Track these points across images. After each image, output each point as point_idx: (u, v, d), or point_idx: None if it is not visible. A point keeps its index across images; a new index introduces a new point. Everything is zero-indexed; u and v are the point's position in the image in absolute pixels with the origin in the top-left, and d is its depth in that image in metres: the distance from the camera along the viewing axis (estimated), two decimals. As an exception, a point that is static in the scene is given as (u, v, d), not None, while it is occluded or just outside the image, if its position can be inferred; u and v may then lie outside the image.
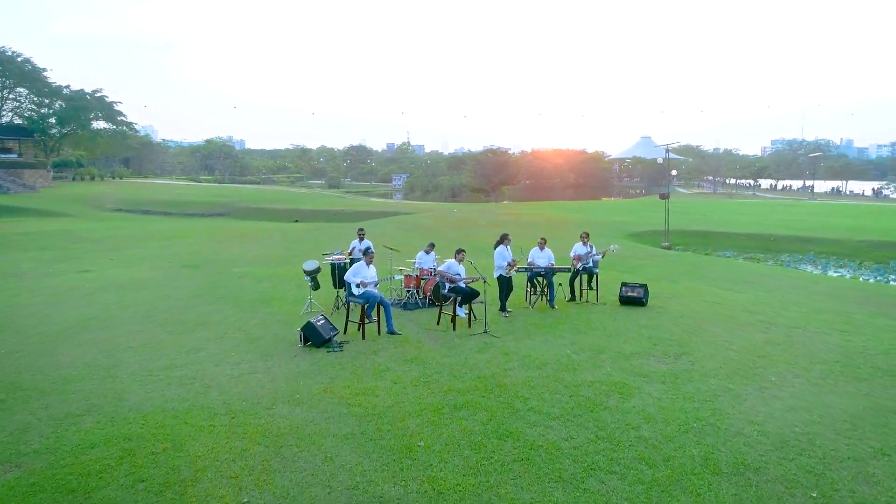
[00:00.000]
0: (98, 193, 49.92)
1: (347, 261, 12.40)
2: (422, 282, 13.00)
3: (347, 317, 10.58)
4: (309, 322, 9.77)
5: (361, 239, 13.05)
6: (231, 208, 45.45)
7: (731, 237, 29.10)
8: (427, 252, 13.28)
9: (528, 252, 13.02)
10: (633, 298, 12.77)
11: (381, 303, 10.40)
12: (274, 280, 15.40)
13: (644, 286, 12.88)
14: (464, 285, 11.14)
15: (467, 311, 11.15)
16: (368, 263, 10.53)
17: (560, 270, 12.74)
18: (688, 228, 30.49)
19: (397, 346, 9.84)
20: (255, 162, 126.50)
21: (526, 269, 12.56)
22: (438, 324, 11.13)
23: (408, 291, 12.94)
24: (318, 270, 12.05)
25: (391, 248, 13.64)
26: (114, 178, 72.96)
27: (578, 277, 13.31)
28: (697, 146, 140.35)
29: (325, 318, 10.11)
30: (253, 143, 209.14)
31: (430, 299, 12.64)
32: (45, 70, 68.80)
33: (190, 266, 17.53)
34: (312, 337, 9.73)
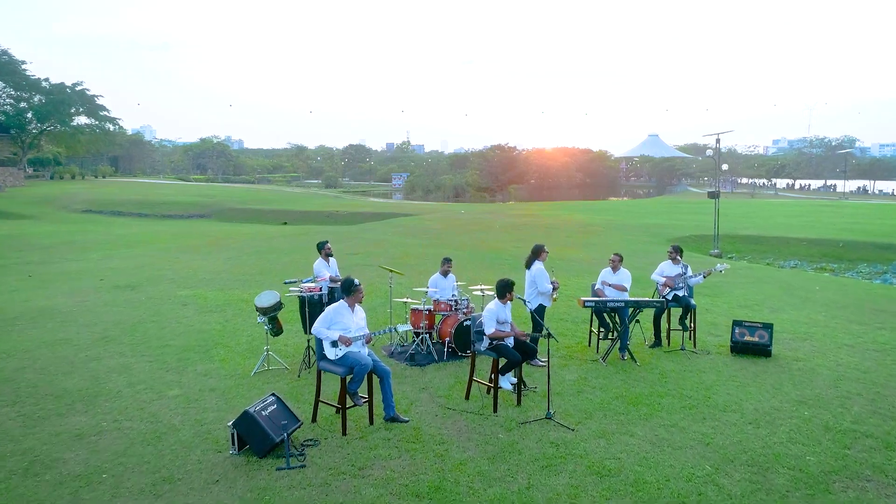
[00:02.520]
0: (69, 193, 45.63)
1: (325, 292, 8.16)
2: (437, 319, 8.80)
3: (318, 394, 6.32)
4: (247, 413, 5.54)
5: (328, 257, 8.90)
6: (214, 209, 41.18)
7: (790, 243, 24.84)
8: (444, 274, 9.10)
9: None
10: (756, 346, 8.54)
11: (374, 372, 6.17)
12: (229, 310, 11.16)
13: (769, 328, 8.63)
14: (510, 343, 6.88)
15: (515, 380, 6.89)
16: (353, 305, 6.28)
17: (649, 304, 8.47)
18: (736, 233, 26.26)
19: (402, 451, 5.62)
20: (251, 161, 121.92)
21: (594, 301, 8.30)
22: (468, 398, 6.91)
23: (416, 335, 8.71)
24: (278, 307, 7.82)
25: (391, 270, 9.38)
26: (96, 176, 68.72)
27: (666, 311, 9.09)
28: (705, 145, 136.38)
29: (278, 399, 5.90)
30: (252, 143, 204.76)
31: (450, 347, 8.42)
32: (24, 62, 64.68)
33: (124, 287, 13.28)
34: (252, 440, 5.52)
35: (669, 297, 8.98)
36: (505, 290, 6.76)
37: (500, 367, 6.69)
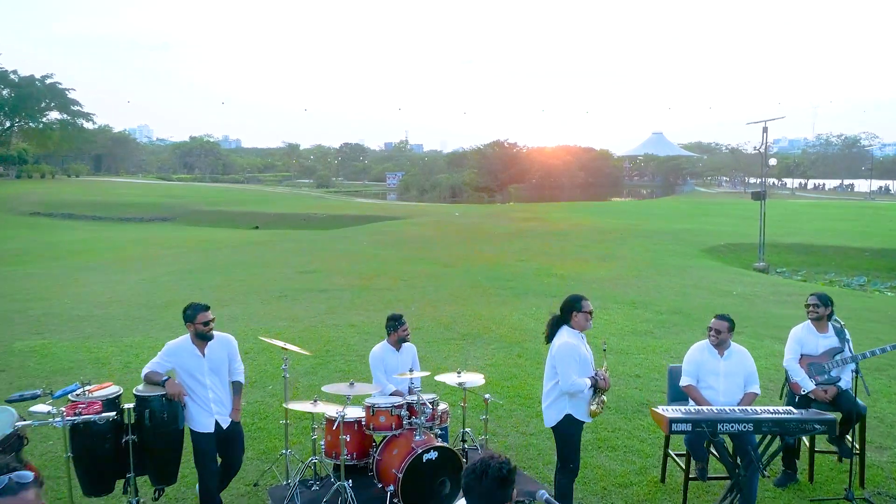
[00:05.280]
0: (24, 193, 41.44)
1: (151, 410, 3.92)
2: (376, 441, 4.62)
3: None
4: None
5: (203, 340, 4.46)
6: (181, 211, 36.98)
7: (849, 254, 20.66)
8: (395, 344, 5.01)
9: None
10: None
11: None
12: (59, 384, 6.90)
13: None
14: None
15: None
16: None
17: (806, 427, 4.19)
18: (779, 241, 22.07)
19: None
20: (241, 160, 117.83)
21: (690, 423, 4.03)
22: None
23: (333, 475, 4.51)
24: (13, 445, 3.61)
25: (284, 348, 5.01)
26: (69, 175, 64.65)
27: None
28: (709, 143, 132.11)
29: None
30: (249, 142, 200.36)
31: (393, 502, 4.21)
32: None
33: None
34: None
35: (810, 393, 4.79)
36: None
37: None
